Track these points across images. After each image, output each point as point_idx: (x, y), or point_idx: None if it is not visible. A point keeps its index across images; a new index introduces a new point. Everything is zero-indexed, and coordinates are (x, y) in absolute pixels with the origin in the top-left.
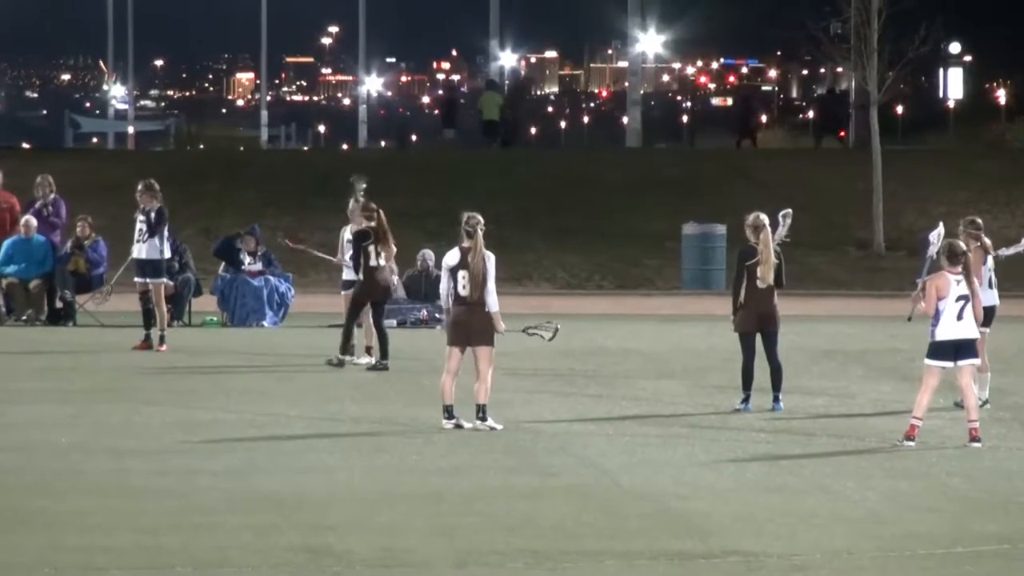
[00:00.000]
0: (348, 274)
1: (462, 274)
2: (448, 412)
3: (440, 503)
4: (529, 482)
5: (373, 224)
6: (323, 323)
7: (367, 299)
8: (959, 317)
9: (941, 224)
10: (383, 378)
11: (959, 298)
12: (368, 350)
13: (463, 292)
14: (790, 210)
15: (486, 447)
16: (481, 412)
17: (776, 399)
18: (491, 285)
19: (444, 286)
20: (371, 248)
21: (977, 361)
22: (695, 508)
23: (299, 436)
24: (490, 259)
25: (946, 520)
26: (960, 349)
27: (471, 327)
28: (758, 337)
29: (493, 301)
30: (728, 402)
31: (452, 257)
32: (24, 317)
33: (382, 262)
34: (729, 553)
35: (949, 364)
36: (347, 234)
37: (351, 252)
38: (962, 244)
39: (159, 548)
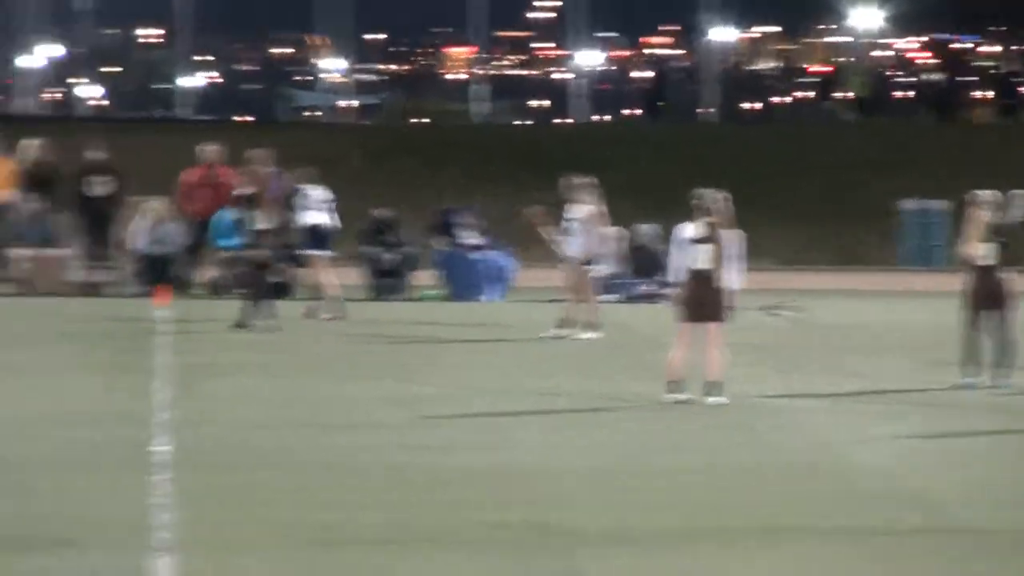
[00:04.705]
0: (571, 249)
1: (703, 248)
2: (674, 387)
3: (664, 478)
4: (755, 457)
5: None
6: (544, 298)
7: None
8: None
9: None
10: (605, 352)
11: None
12: (590, 325)
13: (699, 267)
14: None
15: (711, 423)
16: (713, 388)
17: (1004, 376)
18: (732, 262)
19: (677, 261)
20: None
21: None
22: (922, 484)
23: (523, 412)
24: (731, 235)
25: None
26: None
27: (704, 302)
28: (986, 314)
29: (732, 278)
30: (953, 378)
31: (690, 231)
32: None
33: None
34: (960, 531)
35: None
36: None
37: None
38: None
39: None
